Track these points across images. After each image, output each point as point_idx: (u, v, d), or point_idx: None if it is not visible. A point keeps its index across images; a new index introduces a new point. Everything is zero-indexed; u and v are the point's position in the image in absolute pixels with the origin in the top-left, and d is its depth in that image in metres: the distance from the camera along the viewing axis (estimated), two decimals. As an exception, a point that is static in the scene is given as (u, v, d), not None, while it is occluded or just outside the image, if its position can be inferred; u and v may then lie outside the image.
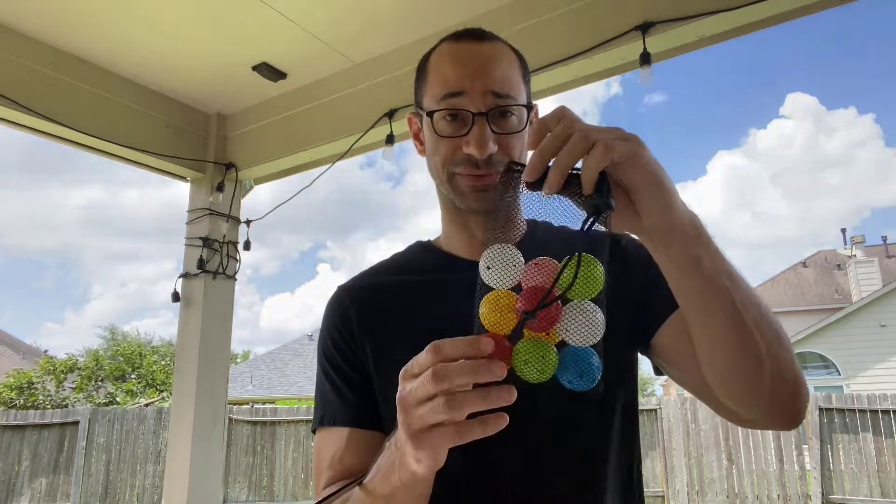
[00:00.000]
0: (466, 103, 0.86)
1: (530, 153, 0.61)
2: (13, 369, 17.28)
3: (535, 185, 0.60)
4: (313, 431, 0.95)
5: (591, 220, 0.57)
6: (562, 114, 0.61)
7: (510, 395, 0.54)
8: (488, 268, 0.60)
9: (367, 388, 0.91)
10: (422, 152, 0.98)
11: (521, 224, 0.99)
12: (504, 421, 0.55)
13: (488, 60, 0.88)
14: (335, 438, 0.90)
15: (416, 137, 1.00)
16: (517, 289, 0.59)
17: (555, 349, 0.56)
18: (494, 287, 0.60)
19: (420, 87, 0.96)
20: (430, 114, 0.89)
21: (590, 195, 0.58)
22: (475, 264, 0.92)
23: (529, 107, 0.91)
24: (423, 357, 0.57)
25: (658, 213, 0.63)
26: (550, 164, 0.59)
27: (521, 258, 0.60)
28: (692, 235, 0.65)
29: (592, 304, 0.57)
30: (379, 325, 0.93)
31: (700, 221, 0.67)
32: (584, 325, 0.56)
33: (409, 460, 0.60)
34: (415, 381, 0.57)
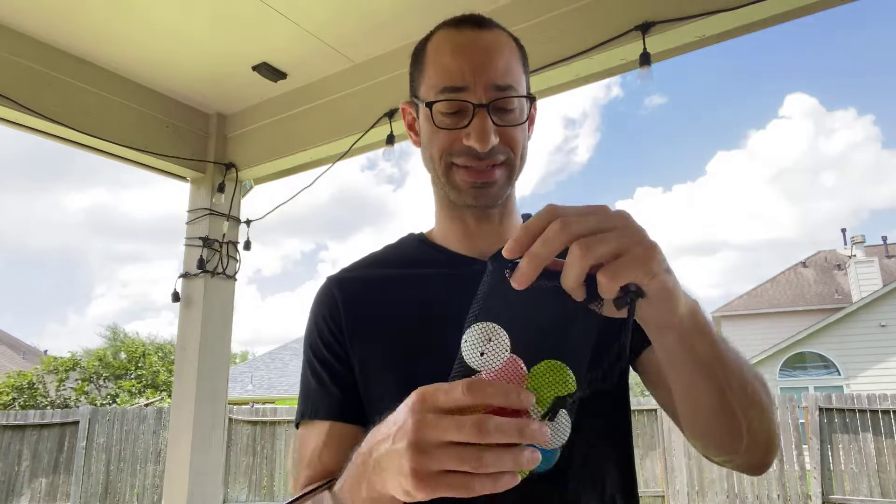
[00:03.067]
0: (468, 96, 0.84)
1: (520, 248, 0.55)
2: (14, 370, 17.29)
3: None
4: (297, 427, 0.92)
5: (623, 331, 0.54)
6: (553, 213, 0.55)
7: (538, 460, 0.50)
8: (474, 349, 0.55)
9: (351, 381, 0.89)
10: (417, 143, 0.95)
11: (517, 217, 0.98)
12: (516, 480, 0.51)
13: (489, 51, 0.85)
14: (316, 433, 0.88)
15: (411, 128, 0.97)
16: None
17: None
18: (476, 368, 0.55)
19: (417, 75, 0.92)
20: (430, 105, 0.86)
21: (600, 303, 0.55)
22: (470, 259, 0.93)
23: (532, 98, 0.89)
24: (457, 393, 0.51)
25: (662, 317, 0.61)
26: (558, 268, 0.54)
27: (507, 341, 0.55)
28: (688, 329, 0.63)
29: (563, 412, 0.54)
30: (369, 318, 0.91)
31: (699, 309, 0.64)
32: (554, 432, 0.54)
33: (393, 487, 0.55)
34: (443, 419, 0.51)
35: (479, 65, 0.84)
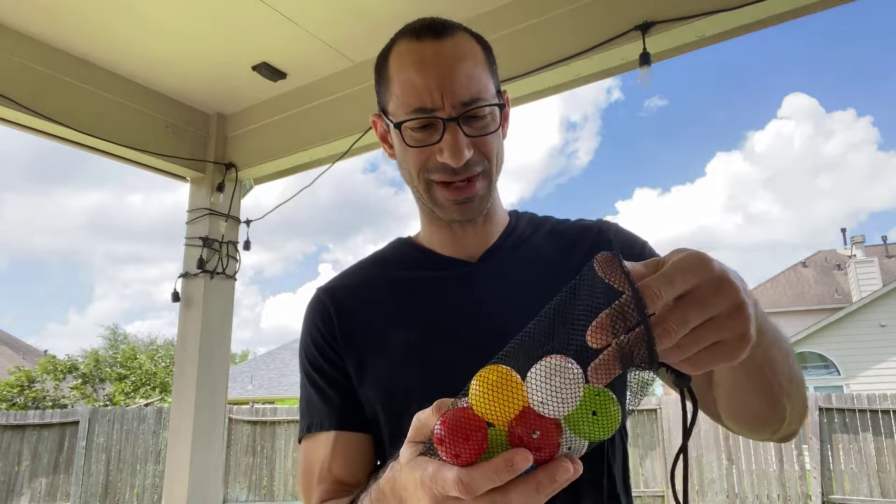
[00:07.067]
0: (436, 112, 0.82)
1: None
2: (14, 367, 17.29)
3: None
4: (300, 441, 0.92)
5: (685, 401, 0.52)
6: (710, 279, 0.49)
7: (572, 472, 0.47)
8: (547, 385, 0.48)
9: (351, 390, 0.89)
10: (392, 155, 0.94)
11: (503, 215, 0.98)
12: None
13: (452, 63, 0.83)
14: (322, 445, 0.88)
15: (384, 140, 0.95)
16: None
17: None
18: (543, 412, 0.48)
19: (382, 90, 0.90)
20: (398, 125, 0.85)
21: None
22: (458, 261, 0.93)
23: (501, 105, 0.87)
24: (450, 482, 0.48)
25: None
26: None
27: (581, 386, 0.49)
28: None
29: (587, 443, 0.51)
30: (362, 325, 0.91)
31: (760, 311, 0.57)
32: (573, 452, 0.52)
33: None
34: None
35: (444, 79, 0.82)
